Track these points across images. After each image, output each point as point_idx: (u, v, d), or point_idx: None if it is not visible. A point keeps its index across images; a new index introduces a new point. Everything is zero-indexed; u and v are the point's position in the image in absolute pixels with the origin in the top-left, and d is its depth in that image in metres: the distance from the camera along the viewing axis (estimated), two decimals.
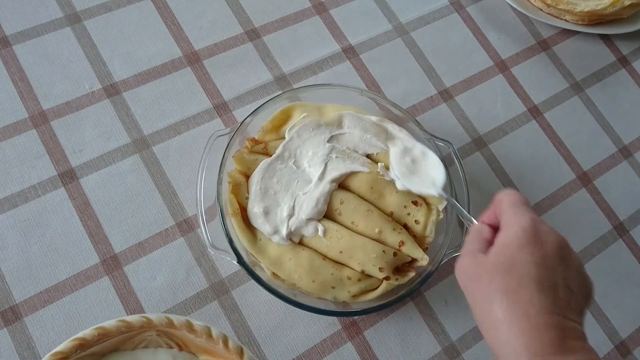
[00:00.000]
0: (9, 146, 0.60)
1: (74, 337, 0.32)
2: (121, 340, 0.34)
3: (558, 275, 0.35)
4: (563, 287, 0.35)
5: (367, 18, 0.76)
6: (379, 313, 0.60)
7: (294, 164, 0.59)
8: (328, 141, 0.59)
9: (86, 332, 0.32)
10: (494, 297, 0.35)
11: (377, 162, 0.60)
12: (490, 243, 0.39)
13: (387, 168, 0.59)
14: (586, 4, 0.76)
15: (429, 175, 0.57)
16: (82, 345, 0.32)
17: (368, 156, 0.61)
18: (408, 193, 0.58)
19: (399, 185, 0.57)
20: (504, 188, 0.69)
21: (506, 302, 0.34)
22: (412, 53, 0.75)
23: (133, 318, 0.33)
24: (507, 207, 0.39)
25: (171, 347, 0.34)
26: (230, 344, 0.34)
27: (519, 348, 0.33)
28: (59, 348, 0.31)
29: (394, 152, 0.59)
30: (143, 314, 0.33)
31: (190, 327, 0.32)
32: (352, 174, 0.58)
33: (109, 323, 0.32)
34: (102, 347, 0.34)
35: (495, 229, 0.41)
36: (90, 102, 0.64)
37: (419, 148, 0.59)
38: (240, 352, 0.33)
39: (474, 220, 0.45)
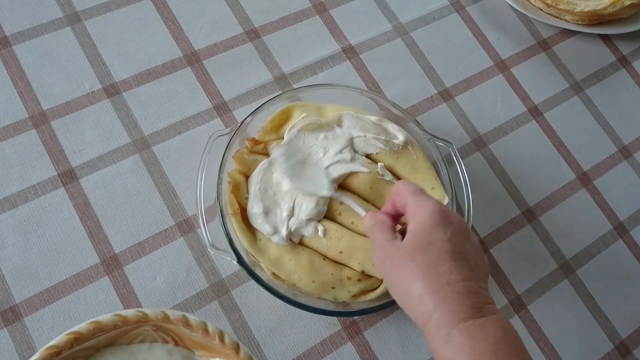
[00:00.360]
0: (9, 146, 0.60)
1: (69, 331, 0.31)
2: (117, 335, 0.34)
3: (467, 250, 0.39)
4: (471, 259, 0.39)
5: (367, 18, 0.76)
6: (379, 313, 0.60)
7: None
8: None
9: (81, 326, 0.32)
10: (416, 274, 0.38)
11: (376, 162, 0.60)
12: (394, 230, 0.44)
13: (387, 168, 0.59)
14: (586, 4, 0.76)
15: (314, 182, 0.57)
16: (78, 339, 0.32)
17: (368, 156, 0.61)
18: None
19: (287, 185, 0.55)
20: (505, 189, 0.69)
21: (428, 276, 0.37)
22: (412, 53, 0.75)
23: (129, 312, 0.32)
24: (409, 195, 0.43)
25: (167, 342, 0.34)
26: (227, 339, 0.34)
27: (446, 314, 0.36)
28: (53, 342, 0.31)
29: (278, 152, 0.58)
30: (139, 309, 0.33)
31: (186, 322, 0.32)
32: (352, 173, 0.58)
33: (105, 317, 0.32)
34: (98, 342, 0.34)
35: (394, 218, 0.46)
36: (90, 102, 0.64)
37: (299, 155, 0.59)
38: (237, 348, 0.33)
39: (363, 213, 0.49)
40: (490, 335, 0.35)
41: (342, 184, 0.59)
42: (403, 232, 0.43)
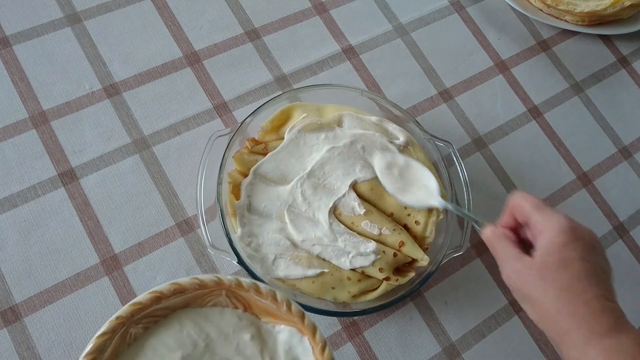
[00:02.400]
0: (9, 146, 0.60)
1: (151, 290, 0.34)
2: (192, 298, 0.36)
3: (597, 265, 0.40)
4: (602, 273, 0.40)
5: (367, 18, 0.76)
6: (379, 313, 0.60)
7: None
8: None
9: (163, 286, 0.34)
10: (550, 294, 0.39)
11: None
12: (519, 245, 0.43)
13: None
14: (586, 5, 0.76)
15: (422, 185, 0.57)
16: (159, 297, 0.34)
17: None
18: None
19: (400, 201, 0.56)
20: (505, 189, 0.69)
21: (564, 296, 0.38)
22: (412, 53, 0.75)
23: (206, 277, 0.35)
24: (533, 211, 0.43)
25: (237, 308, 0.36)
26: (293, 307, 0.35)
27: (583, 331, 0.37)
28: (138, 299, 0.34)
29: (379, 169, 0.58)
30: (215, 274, 0.36)
31: (257, 289, 0.35)
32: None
33: (184, 280, 0.34)
34: (174, 303, 0.35)
35: (514, 230, 0.45)
36: (90, 102, 0.64)
37: (401, 159, 0.58)
38: (302, 316, 0.35)
39: (483, 223, 0.48)
40: (625, 350, 0.36)
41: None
42: (524, 242, 0.44)
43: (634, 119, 0.78)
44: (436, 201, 0.55)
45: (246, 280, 0.35)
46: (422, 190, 0.56)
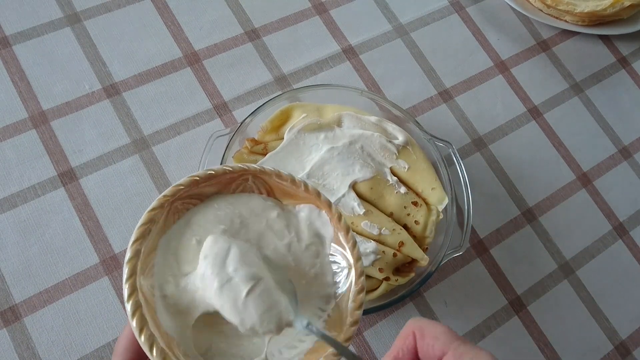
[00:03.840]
0: (9, 146, 0.60)
1: (189, 175, 0.38)
2: (223, 184, 0.40)
3: None
4: None
5: (367, 18, 0.76)
6: (378, 313, 0.60)
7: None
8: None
9: (198, 173, 0.38)
10: None
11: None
12: None
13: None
14: (586, 5, 0.76)
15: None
16: (196, 181, 0.38)
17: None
18: (408, 193, 0.58)
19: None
20: (505, 189, 0.69)
21: None
22: (412, 53, 0.75)
23: (234, 166, 0.39)
24: (452, 342, 0.34)
25: (261, 193, 0.41)
26: (310, 187, 0.39)
27: None
28: (179, 182, 0.38)
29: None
30: (241, 164, 0.40)
31: (279, 175, 0.39)
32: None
33: (215, 168, 0.39)
34: (208, 191, 0.39)
35: None
36: (90, 102, 0.64)
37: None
38: (318, 194, 0.39)
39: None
40: None
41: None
42: None
43: (633, 119, 0.78)
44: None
45: (269, 168, 0.40)
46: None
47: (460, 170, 0.61)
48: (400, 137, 0.61)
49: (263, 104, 0.60)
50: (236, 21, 0.72)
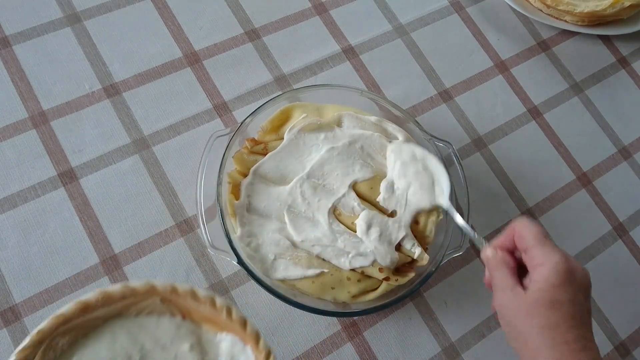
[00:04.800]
0: (9, 146, 0.60)
1: (77, 300, 0.32)
2: (125, 306, 0.34)
3: (584, 307, 0.43)
4: (586, 315, 0.43)
5: (367, 19, 0.76)
6: (378, 313, 0.60)
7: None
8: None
9: (90, 295, 0.32)
10: (536, 329, 0.41)
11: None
12: (516, 274, 0.45)
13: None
14: (586, 5, 0.76)
15: (435, 181, 0.58)
16: (86, 308, 0.32)
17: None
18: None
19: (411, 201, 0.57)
20: (505, 189, 0.69)
21: (547, 333, 0.41)
22: (412, 54, 0.75)
23: (137, 284, 0.32)
24: (534, 243, 0.44)
25: (174, 316, 0.34)
26: (234, 314, 0.33)
27: None
28: (61, 310, 0.32)
29: (403, 158, 0.58)
30: (148, 279, 0.33)
31: (194, 295, 0.32)
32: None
33: (113, 287, 0.32)
34: (106, 312, 0.33)
35: (512, 253, 0.47)
36: (90, 102, 0.64)
37: (419, 152, 0.59)
38: (244, 323, 0.33)
39: (482, 241, 0.50)
40: None
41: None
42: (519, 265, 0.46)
43: (633, 119, 0.78)
44: (444, 202, 0.56)
45: (183, 285, 0.33)
46: (434, 186, 0.57)
47: (460, 170, 0.61)
48: (400, 137, 0.61)
49: (263, 104, 0.60)
50: (236, 21, 0.72)
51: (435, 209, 0.59)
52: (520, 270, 0.46)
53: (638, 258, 0.70)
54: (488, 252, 0.48)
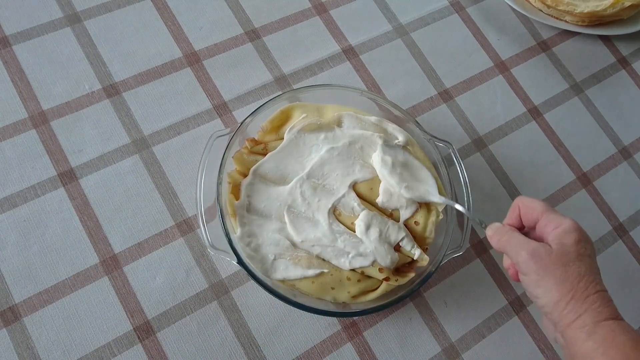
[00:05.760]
0: (9, 146, 0.60)
1: None
2: None
3: (597, 264, 0.47)
4: (600, 274, 0.47)
5: (367, 19, 0.76)
6: (378, 313, 0.60)
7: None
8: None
9: None
10: (571, 277, 0.45)
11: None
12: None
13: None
14: (586, 5, 0.76)
15: (421, 181, 0.58)
16: None
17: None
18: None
19: (405, 196, 0.57)
20: (505, 189, 0.69)
21: (583, 282, 0.45)
22: (412, 54, 0.75)
23: None
24: (544, 210, 0.48)
25: None
26: None
27: (592, 314, 0.44)
28: None
29: (385, 167, 0.57)
30: None
31: None
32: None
33: None
34: None
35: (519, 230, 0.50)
36: (90, 102, 0.64)
37: (400, 155, 0.59)
38: None
39: (484, 222, 0.52)
40: (628, 329, 0.45)
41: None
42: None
43: (633, 119, 0.78)
44: (436, 197, 0.57)
45: None
46: (422, 186, 0.58)
47: (460, 171, 0.61)
48: (400, 137, 0.61)
49: (263, 104, 0.60)
50: (236, 21, 0.72)
51: (435, 208, 0.59)
52: None
53: (638, 258, 0.70)
54: (493, 226, 0.50)
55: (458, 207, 0.55)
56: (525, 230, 0.50)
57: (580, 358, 0.44)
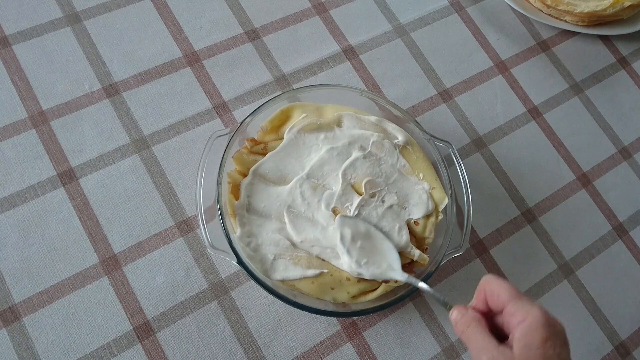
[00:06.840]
0: (9, 146, 0.60)
1: None
2: None
3: (567, 357, 0.42)
4: None
5: (367, 18, 0.76)
6: (378, 314, 0.60)
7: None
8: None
9: None
10: None
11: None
12: (491, 332, 0.43)
13: None
14: (586, 5, 0.76)
15: (383, 256, 0.54)
16: None
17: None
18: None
19: (360, 274, 0.54)
20: (505, 189, 0.69)
21: None
22: (412, 54, 0.75)
23: None
24: (510, 298, 0.43)
25: None
26: None
27: None
28: None
29: (343, 241, 0.54)
30: None
31: None
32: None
33: None
34: None
35: (485, 315, 0.45)
36: (90, 102, 0.64)
37: (362, 227, 0.55)
38: None
39: (450, 304, 0.48)
40: None
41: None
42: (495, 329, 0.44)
43: (633, 119, 0.78)
44: (399, 275, 0.53)
45: None
46: (384, 261, 0.54)
47: (460, 170, 0.61)
48: (400, 137, 0.61)
49: (263, 104, 0.60)
50: (236, 21, 0.72)
51: (435, 209, 0.59)
52: (497, 336, 0.43)
53: (638, 258, 0.70)
54: (456, 312, 0.46)
55: (421, 285, 0.51)
56: (492, 314, 0.45)
57: None
